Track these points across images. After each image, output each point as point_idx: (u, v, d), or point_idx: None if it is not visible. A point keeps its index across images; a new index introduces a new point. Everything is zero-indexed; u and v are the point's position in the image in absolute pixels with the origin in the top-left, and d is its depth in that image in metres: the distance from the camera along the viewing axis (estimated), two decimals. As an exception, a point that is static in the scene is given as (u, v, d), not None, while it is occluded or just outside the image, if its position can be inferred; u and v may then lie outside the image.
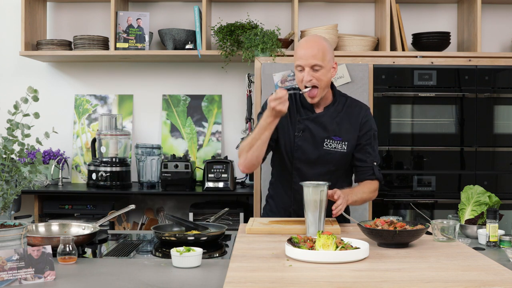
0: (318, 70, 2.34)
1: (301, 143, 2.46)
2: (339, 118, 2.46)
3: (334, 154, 2.45)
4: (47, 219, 3.85)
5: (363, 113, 2.50)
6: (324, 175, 2.42)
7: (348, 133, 2.46)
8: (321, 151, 2.44)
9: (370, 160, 2.48)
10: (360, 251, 1.77)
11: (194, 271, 1.80)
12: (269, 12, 4.24)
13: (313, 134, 2.44)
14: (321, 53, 2.34)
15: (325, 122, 2.45)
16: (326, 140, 2.44)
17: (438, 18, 4.24)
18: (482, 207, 2.41)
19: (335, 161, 2.46)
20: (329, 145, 2.44)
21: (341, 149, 2.45)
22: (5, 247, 1.72)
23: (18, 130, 1.91)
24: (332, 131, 2.44)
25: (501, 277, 1.60)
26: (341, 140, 2.45)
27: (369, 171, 2.49)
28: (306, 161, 2.46)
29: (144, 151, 3.99)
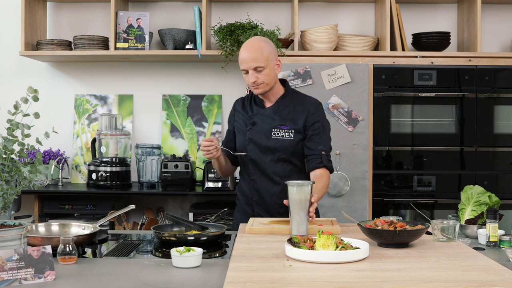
0: (261, 71, 2.52)
1: (251, 135, 2.63)
2: (287, 110, 2.62)
3: (282, 142, 2.59)
4: (47, 219, 3.85)
5: (311, 107, 2.64)
6: (277, 163, 2.60)
7: (295, 123, 2.60)
8: (271, 140, 2.60)
9: (318, 149, 2.58)
10: (360, 251, 1.77)
11: (194, 271, 1.80)
12: (269, 12, 4.24)
13: (262, 126, 2.62)
14: (260, 54, 2.50)
15: (273, 114, 2.62)
16: (274, 129, 2.60)
17: (438, 18, 4.24)
18: (482, 207, 2.41)
19: (284, 148, 2.59)
20: (277, 133, 2.60)
21: (288, 137, 2.59)
22: (5, 247, 1.72)
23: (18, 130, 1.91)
24: (278, 121, 2.61)
25: (501, 277, 1.60)
26: (288, 129, 2.60)
27: (317, 159, 2.57)
28: (258, 152, 2.62)
29: (144, 151, 3.99)
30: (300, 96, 2.69)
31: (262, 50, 2.51)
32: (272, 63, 2.55)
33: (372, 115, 3.62)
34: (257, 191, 2.65)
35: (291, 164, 2.61)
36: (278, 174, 2.61)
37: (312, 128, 2.60)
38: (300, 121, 2.60)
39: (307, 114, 2.60)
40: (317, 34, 3.79)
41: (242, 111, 2.72)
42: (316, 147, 2.58)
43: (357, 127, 3.57)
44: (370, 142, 3.61)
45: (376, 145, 3.64)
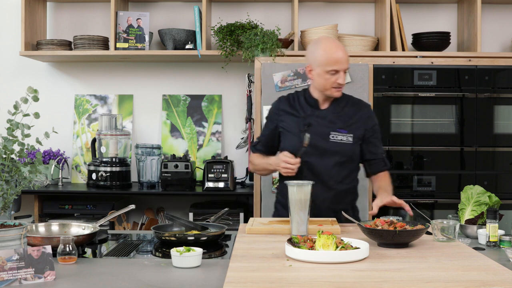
0: (346, 73, 2.53)
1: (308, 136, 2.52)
2: (343, 113, 2.59)
3: (342, 146, 2.55)
4: (47, 219, 3.85)
5: (366, 110, 2.64)
6: (333, 167, 2.54)
7: (352, 127, 2.57)
8: (329, 143, 2.54)
9: (380, 152, 2.62)
10: (360, 251, 1.77)
11: (194, 271, 1.80)
12: (269, 12, 4.24)
13: (319, 128, 2.55)
14: (347, 57, 2.51)
15: (330, 117, 2.57)
16: (332, 132, 2.55)
17: (438, 18, 4.24)
18: (482, 207, 2.41)
19: (342, 151, 2.55)
20: (335, 137, 2.55)
21: (347, 140, 2.55)
22: (5, 247, 1.72)
23: (18, 130, 1.91)
24: (337, 125, 2.56)
25: (501, 277, 1.60)
26: (346, 133, 2.56)
27: (381, 162, 2.62)
28: (314, 154, 2.53)
29: (144, 151, 3.99)
30: (352, 98, 2.66)
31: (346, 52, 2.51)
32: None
33: (372, 115, 3.61)
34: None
35: (346, 168, 2.57)
36: (333, 178, 2.54)
37: (371, 131, 2.60)
38: (359, 126, 2.57)
39: (365, 118, 2.60)
40: (317, 34, 3.78)
41: (291, 110, 2.62)
42: (378, 151, 2.61)
43: (357, 127, 3.57)
44: (370, 142, 3.60)
45: (376, 145, 3.64)
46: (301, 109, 2.61)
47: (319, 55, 2.51)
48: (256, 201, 3.56)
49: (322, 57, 2.49)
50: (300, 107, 2.61)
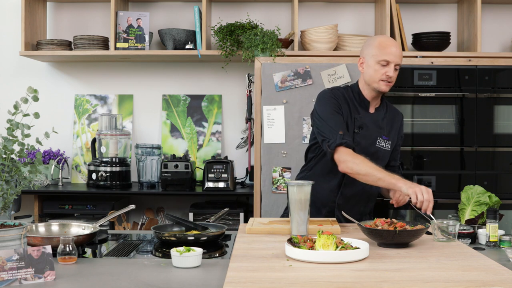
0: (397, 70, 2.48)
1: (359, 139, 2.51)
2: (386, 120, 2.61)
3: (383, 152, 2.58)
4: (47, 219, 3.85)
5: (400, 118, 2.69)
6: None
7: (391, 134, 2.61)
8: (374, 148, 2.55)
9: (398, 158, 2.70)
10: (360, 251, 1.77)
11: (194, 271, 1.80)
12: (269, 12, 4.24)
13: (369, 132, 2.54)
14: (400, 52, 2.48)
15: (379, 121, 2.58)
16: (378, 138, 2.56)
17: (438, 18, 4.24)
18: (482, 207, 2.41)
19: (382, 158, 2.58)
20: (380, 143, 2.57)
21: (387, 148, 2.59)
22: (5, 247, 1.72)
23: (18, 130, 1.91)
24: (383, 131, 2.58)
25: (501, 277, 1.60)
26: (387, 140, 2.59)
27: (397, 170, 2.65)
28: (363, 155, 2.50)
29: (144, 151, 3.99)
30: (390, 105, 2.67)
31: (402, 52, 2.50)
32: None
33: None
34: (343, 195, 2.56)
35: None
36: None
37: (400, 139, 2.67)
38: (395, 134, 2.62)
39: (399, 127, 2.65)
40: (317, 34, 3.79)
41: (345, 105, 2.53)
42: (397, 159, 2.69)
43: (357, 127, 3.57)
44: (370, 142, 3.61)
45: (376, 145, 3.64)
46: (355, 109, 2.53)
47: (374, 46, 2.48)
48: (256, 201, 3.56)
49: (376, 48, 2.46)
50: (354, 106, 2.54)
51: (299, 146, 3.53)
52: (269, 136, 3.54)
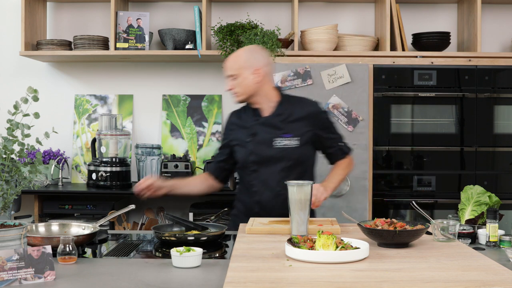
0: (235, 79, 2.57)
1: (253, 146, 2.60)
2: (287, 117, 2.60)
3: (286, 150, 2.58)
4: (47, 219, 3.85)
5: (311, 108, 2.64)
6: (280, 173, 2.57)
7: (298, 129, 2.59)
8: (273, 150, 2.58)
9: (336, 143, 2.66)
10: (360, 251, 1.77)
11: (194, 271, 1.80)
12: (269, 12, 4.24)
13: (263, 136, 2.60)
14: (234, 62, 2.57)
15: (274, 123, 2.60)
16: (276, 139, 2.58)
17: (438, 18, 4.24)
18: (482, 207, 2.41)
19: (287, 156, 2.58)
20: (280, 142, 2.58)
21: (291, 144, 2.58)
22: (5, 247, 1.72)
23: (18, 130, 1.91)
24: (280, 130, 2.59)
25: (501, 277, 1.60)
26: (291, 136, 2.58)
27: (338, 152, 2.67)
28: (261, 162, 2.60)
29: (144, 151, 3.99)
30: (297, 99, 2.69)
31: (237, 59, 2.57)
32: (247, 72, 2.55)
33: (372, 115, 3.62)
34: (258, 203, 2.62)
35: (294, 172, 2.58)
36: (280, 184, 2.53)
37: (321, 126, 2.63)
38: (306, 126, 2.59)
39: (312, 116, 2.61)
40: (317, 34, 3.79)
41: (240, 122, 2.69)
42: (333, 143, 2.65)
43: (357, 127, 3.57)
44: (370, 142, 3.61)
45: (376, 145, 3.64)
46: (246, 120, 2.66)
47: None
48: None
49: None
50: (246, 119, 2.67)
51: (299, 146, 3.52)
52: (269, 136, 3.53)
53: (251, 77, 2.56)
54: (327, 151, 2.68)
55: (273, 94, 2.63)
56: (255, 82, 2.56)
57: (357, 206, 3.57)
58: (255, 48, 2.66)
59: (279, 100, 2.63)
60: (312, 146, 2.63)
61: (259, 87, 2.58)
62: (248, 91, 2.58)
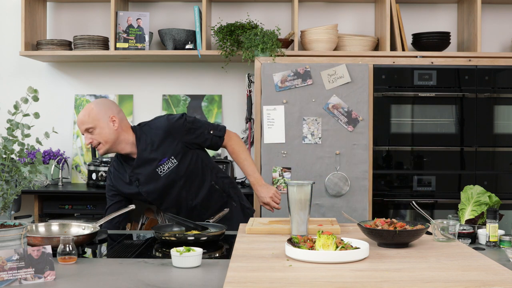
0: (92, 132, 2.59)
1: (145, 188, 2.66)
2: (152, 145, 2.63)
3: (171, 172, 2.64)
4: (47, 219, 3.85)
5: (163, 125, 2.66)
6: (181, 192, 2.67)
7: (168, 148, 2.63)
8: (162, 179, 2.64)
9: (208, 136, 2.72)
10: (360, 251, 1.77)
11: (194, 271, 1.80)
12: (269, 12, 4.24)
13: (146, 174, 2.64)
14: (88, 117, 2.58)
15: (145, 158, 2.63)
16: (157, 169, 2.63)
17: (438, 18, 4.24)
18: (482, 207, 2.41)
19: (175, 175, 2.65)
20: (163, 169, 2.64)
21: (174, 163, 2.64)
22: (5, 247, 1.72)
23: (18, 130, 1.91)
24: (155, 159, 2.63)
25: (501, 277, 1.60)
26: (167, 159, 2.63)
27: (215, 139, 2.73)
28: (161, 195, 2.67)
29: (144, 151, 3.98)
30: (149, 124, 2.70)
31: (90, 112, 2.58)
32: (104, 121, 2.58)
33: (372, 115, 3.62)
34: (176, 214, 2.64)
35: (193, 183, 2.68)
36: (189, 199, 2.68)
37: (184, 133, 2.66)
38: (170, 143, 2.63)
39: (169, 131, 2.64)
40: (317, 34, 3.79)
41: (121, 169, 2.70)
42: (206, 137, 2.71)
43: (357, 127, 3.57)
44: (370, 142, 3.61)
45: (376, 145, 3.64)
46: (125, 171, 2.68)
47: None
48: (256, 201, 3.56)
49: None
50: (124, 170, 2.68)
51: (299, 146, 3.53)
52: (269, 136, 3.54)
53: (110, 125, 2.59)
54: (205, 145, 2.74)
55: (131, 135, 2.65)
56: (114, 129, 2.59)
57: (357, 206, 3.57)
58: (103, 100, 2.70)
59: (136, 137, 2.65)
60: (190, 153, 2.67)
61: (118, 133, 2.61)
62: (109, 140, 2.60)
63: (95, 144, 2.60)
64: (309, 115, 3.56)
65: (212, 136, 2.72)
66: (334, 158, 3.55)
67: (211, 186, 2.74)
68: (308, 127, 3.54)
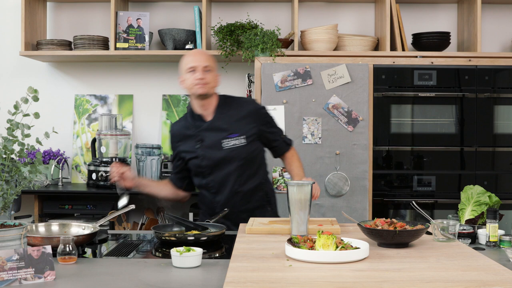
0: (209, 71, 2.62)
1: (203, 152, 2.66)
2: (229, 119, 2.67)
3: (236, 150, 2.65)
4: (47, 219, 3.85)
5: (250, 106, 2.73)
6: (235, 172, 2.65)
7: (243, 127, 2.66)
8: (223, 151, 2.65)
9: (278, 136, 2.75)
10: (360, 251, 1.77)
11: (194, 271, 1.80)
12: (269, 12, 4.24)
13: (211, 140, 2.66)
14: (209, 58, 2.65)
15: (217, 125, 2.66)
16: (223, 140, 2.65)
17: (438, 18, 4.24)
18: (482, 207, 2.41)
19: (239, 156, 2.65)
20: (228, 143, 2.65)
21: (240, 143, 2.65)
22: (5, 247, 1.72)
23: (18, 130, 1.91)
24: (226, 131, 2.66)
25: (501, 277, 1.60)
26: (238, 136, 2.65)
27: (282, 144, 2.77)
28: (214, 165, 2.66)
29: (144, 151, 3.99)
30: (235, 99, 2.76)
31: (210, 56, 2.66)
32: (216, 71, 2.66)
33: (372, 115, 3.62)
34: (219, 202, 2.68)
35: (248, 169, 2.67)
36: (237, 182, 2.66)
37: (264, 122, 2.71)
38: (249, 124, 2.67)
39: (253, 114, 2.69)
40: (317, 34, 3.79)
41: (183, 132, 2.73)
42: (276, 137, 2.75)
43: (357, 127, 3.57)
44: (370, 142, 3.61)
45: (376, 145, 3.64)
46: (190, 128, 2.71)
47: (181, 61, 2.68)
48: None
49: (182, 62, 2.67)
50: (189, 127, 2.71)
51: (299, 146, 3.52)
52: (269, 136, 3.54)
53: (217, 77, 2.67)
54: (272, 144, 2.76)
55: (215, 99, 2.71)
56: (217, 83, 2.68)
57: (357, 206, 3.57)
58: None
59: (218, 103, 2.70)
60: (259, 142, 2.71)
61: (217, 88, 2.69)
62: (214, 86, 2.66)
63: (206, 81, 2.60)
64: (309, 115, 3.56)
65: (282, 141, 2.76)
66: (334, 158, 3.55)
67: (260, 183, 2.73)
68: (308, 127, 3.54)
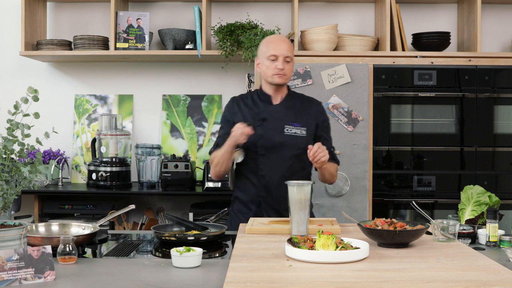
0: (289, 62, 2.64)
1: (262, 131, 2.65)
2: (296, 109, 2.71)
3: (295, 138, 2.65)
4: (47, 219, 3.85)
5: (319, 106, 2.77)
6: (289, 159, 2.64)
7: (305, 120, 2.69)
8: (283, 136, 2.65)
9: (328, 147, 2.66)
10: (360, 251, 1.77)
11: (194, 271, 1.80)
12: (269, 12, 4.24)
13: (273, 122, 2.66)
14: (290, 48, 2.66)
15: (283, 111, 2.69)
16: (286, 126, 2.66)
17: (438, 18, 4.24)
18: (482, 207, 2.41)
19: (297, 144, 2.65)
20: (290, 130, 2.66)
21: (301, 133, 2.67)
22: (5, 247, 1.72)
23: (18, 130, 1.91)
24: (290, 118, 2.68)
25: (501, 277, 1.60)
26: (300, 126, 2.68)
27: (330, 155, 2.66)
28: (270, 147, 2.65)
29: (144, 151, 3.99)
30: (304, 96, 2.80)
31: (291, 46, 2.67)
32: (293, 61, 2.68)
33: (372, 115, 3.62)
34: (265, 187, 2.65)
35: (301, 160, 2.65)
36: (289, 170, 2.63)
37: (322, 126, 2.73)
38: (311, 120, 2.70)
39: (317, 113, 2.72)
40: (317, 34, 3.79)
41: (246, 108, 2.72)
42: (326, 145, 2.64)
43: (357, 127, 3.57)
44: (370, 142, 3.61)
45: (376, 145, 3.64)
46: (255, 105, 2.71)
47: (262, 45, 2.70)
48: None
49: (263, 46, 2.69)
50: (254, 104, 2.72)
51: (299, 146, 3.52)
52: (269, 136, 3.53)
53: (293, 66, 2.69)
54: None
55: (286, 87, 2.75)
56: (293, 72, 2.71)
57: (357, 206, 3.57)
58: None
59: (288, 93, 2.74)
60: (313, 140, 2.68)
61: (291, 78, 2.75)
62: (289, 78, 2.69)
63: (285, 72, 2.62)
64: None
65: (331, 152, 2.68)
66: (334, 158, 3.55)
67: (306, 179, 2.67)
68: (308, 127, 3.54)
